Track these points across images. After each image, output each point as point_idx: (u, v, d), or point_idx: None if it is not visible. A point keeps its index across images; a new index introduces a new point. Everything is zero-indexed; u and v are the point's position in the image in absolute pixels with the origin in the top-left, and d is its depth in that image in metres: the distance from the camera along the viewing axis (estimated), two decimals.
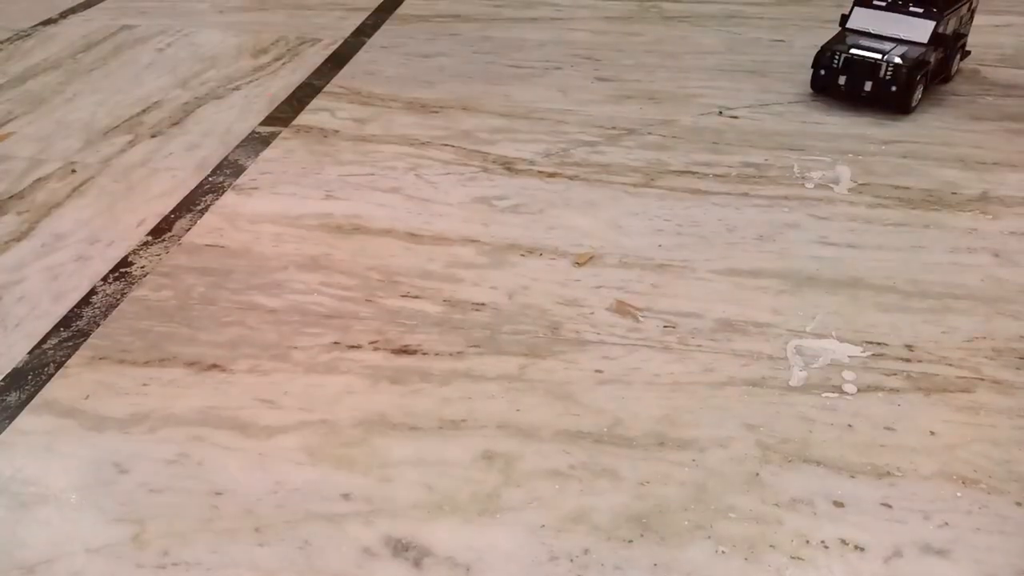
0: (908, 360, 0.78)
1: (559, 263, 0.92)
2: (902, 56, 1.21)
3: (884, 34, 1.25)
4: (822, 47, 1.27)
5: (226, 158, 1.14)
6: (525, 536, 0.63)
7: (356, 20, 1.64)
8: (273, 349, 0.80)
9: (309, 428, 0.72)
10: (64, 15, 1.66)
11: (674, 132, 1.20)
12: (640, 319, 0.84)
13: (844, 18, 1.30)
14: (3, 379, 0.77)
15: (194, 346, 0.80)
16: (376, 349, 0.80)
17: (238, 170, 1.10)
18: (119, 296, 0.87)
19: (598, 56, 1.46)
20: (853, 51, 1.24)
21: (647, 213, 1.01)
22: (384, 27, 1.60)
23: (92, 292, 0.88)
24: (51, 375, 0.77)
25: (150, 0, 1.75)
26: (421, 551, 0.62)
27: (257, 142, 1.18)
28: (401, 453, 0.69)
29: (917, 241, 0.96)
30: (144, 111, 1.27)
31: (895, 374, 0.77)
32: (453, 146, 1.16)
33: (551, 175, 1.09)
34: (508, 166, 1.11)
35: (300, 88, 1.35)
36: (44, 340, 0.81)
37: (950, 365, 0.78)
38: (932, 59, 1.24)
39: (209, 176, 1.09)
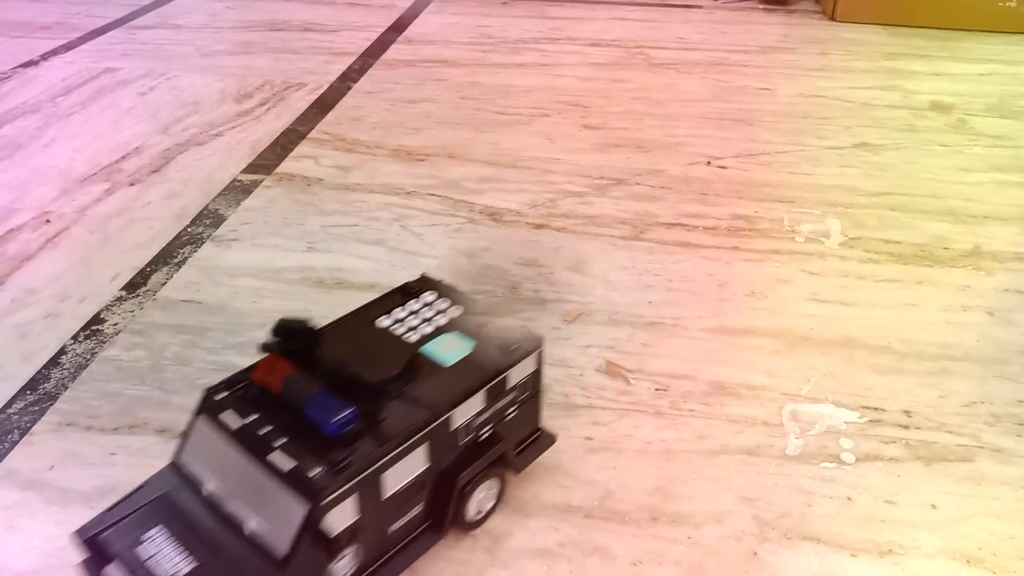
0: (906, 427, 0.76)
1: (547, 320, 0.90)
2: None
3: (221, 514, 0.55)
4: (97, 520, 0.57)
5: (206, 207, 1.11)
6: None
7: (342, 65, 1.62)
8: None
9: None
10: (45, 57, 1.65)
11: (663, 182, 1.18)
12: (631, 381, 0.81)
13: (183, 437, 0.60)
14: None
15: (166, 411, 0.77)
16: None
17: (218, 220, 1.08)
18: (89, 356, 0.84)
19: (585, 103, 1.45)
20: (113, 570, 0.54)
21: (636, 267, 0.99)
22: (370, 72, 1.59)
23: (61, 351, 0.85)
24: (15, 443, 0.74)
25: (133, 43, 1.73)
26: None
27: (238, 191, 1.15)
28: None
29: (910, 299, 0.94)
30: (123, 158, 1.24)
31: (894, 442, 0.74)
32: (439, 196, 1.14)
33: (538, 227, 1.07)
34: (495, 217, 1.09)
35: (284, 134, 1.33)
36: (9, 404, 0.78)
37: (949, 432, 0.76)
38: None
39: (188, 226, 1.07)
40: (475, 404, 0.61)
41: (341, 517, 0.53)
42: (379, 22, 1.90)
